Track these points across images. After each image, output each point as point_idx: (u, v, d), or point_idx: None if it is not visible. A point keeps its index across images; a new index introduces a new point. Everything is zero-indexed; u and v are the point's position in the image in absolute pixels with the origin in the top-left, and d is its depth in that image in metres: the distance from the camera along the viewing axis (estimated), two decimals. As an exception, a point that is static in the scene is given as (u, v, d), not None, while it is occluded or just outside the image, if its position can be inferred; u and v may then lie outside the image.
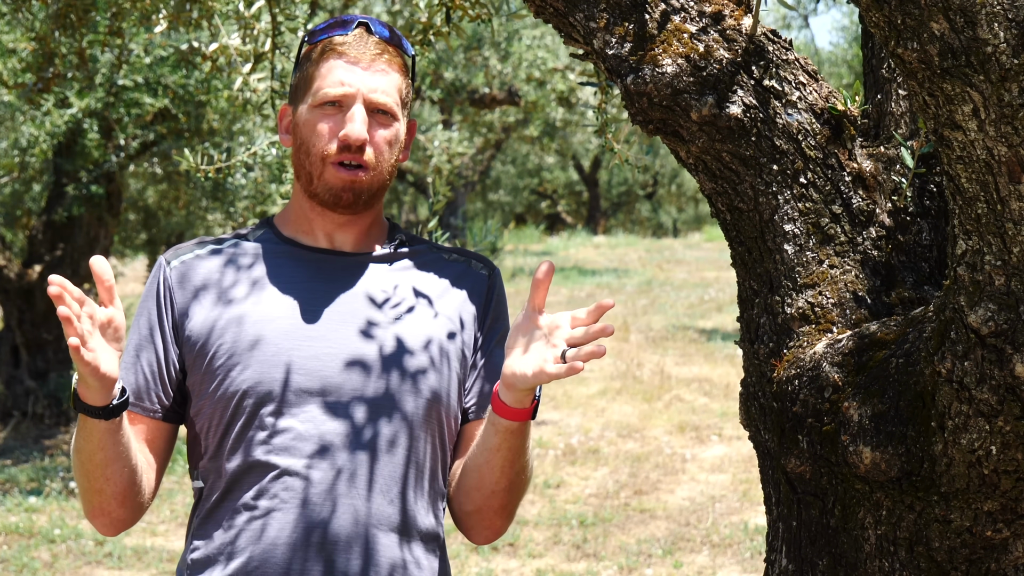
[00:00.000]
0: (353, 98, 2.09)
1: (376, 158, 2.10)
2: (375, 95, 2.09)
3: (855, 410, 1.97)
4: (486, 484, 2.11)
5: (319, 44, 2.14)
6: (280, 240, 2.17)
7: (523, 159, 31.20)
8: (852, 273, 2.09)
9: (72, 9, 4.07)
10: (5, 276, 9.66)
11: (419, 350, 2.11)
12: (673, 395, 10.64)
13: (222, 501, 2.08)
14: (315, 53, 2.14)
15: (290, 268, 2.14)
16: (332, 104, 2.10)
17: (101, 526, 2.12)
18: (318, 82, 2.11)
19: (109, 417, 1.98)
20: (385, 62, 2.12)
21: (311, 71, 2.13)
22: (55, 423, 9.72)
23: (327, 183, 2.10)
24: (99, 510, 2.09)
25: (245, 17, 3.33)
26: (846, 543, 2.06)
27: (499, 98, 15.36)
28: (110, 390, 1.96)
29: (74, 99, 8.02)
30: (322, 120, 2.10)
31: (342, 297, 2.12)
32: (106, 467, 2.03)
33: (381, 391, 2.08)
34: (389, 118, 2.11)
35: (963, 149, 1.71)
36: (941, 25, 1.63)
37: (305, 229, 2.17)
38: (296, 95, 2.16)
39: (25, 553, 6.75)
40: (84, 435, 2.01)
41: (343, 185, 2.09)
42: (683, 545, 6.93)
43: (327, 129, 2.09)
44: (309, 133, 2.11)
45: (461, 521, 2.19)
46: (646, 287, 18.50)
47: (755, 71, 2.07)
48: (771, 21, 19.72)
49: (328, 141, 2.09)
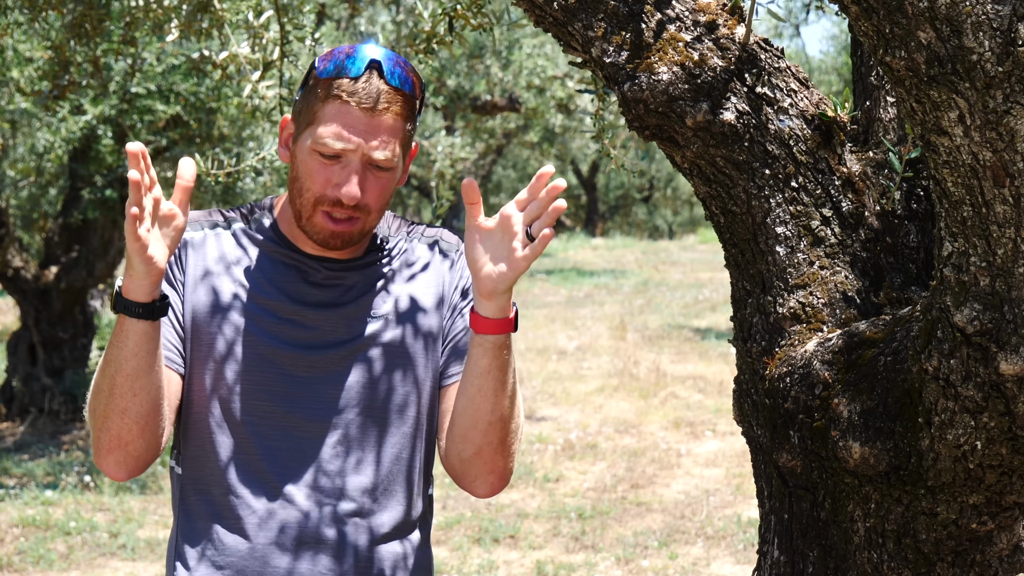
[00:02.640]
0: (353, 154, 2.01)
1: (367, 208, 2.06)
2: (375, 152, 2.02)
3: (845, 406, 1.97)
4: (482, 416, 2.05)
5: (328, 79, 2.03)
6: (277, 241, 2.14)
7: (523, 164, 31.10)
8: (842, 274, 2.10)
9: (87, 19, 4.08)
10: (22, 277, 9.69)
11: (396, 356, 2.11)
12: (669, 392, 10.66)
13: (195, 494, 2.10)
14: (321, 89, 2.04)
15: (284, 267, 2.12)
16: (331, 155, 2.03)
17: (114, 463, 2.02)
18: (320, 126, 2.02)
19: (150, 317, 1.93)
20: (392, 114, 2.03)
21: (315, 108, 2.04)
22: (71, 419, 9.75)
23: (315, 228, 2.06)
24: (117, 441, 2.00)
25: (254, 26, 3.34)
26: (836, 535, 2.06)
27: (500, 105, 15.34)
28: (156, 284, 1.92)
29: (89, 106, 8.05)
30: (319, 167, 2.03)
31: (328, 303, 2.11)
32: (136, 379, 1.95)
33: (360, 398, 2.09)
34: (387, 171, 2.06)
35: (949, 154, 1.71)
36: (928, 34, 1.64)
37: (296, 235, 2.14)
38: (298, 120, 2.08)
39: (41, 545, 6.77)
40: (120, 340, 1.94)
41: (331, 233, 2.06)
42: (678, 537, 6.95)
43: (323, 179, 2.03)
44: (305, 175, 2.05)
45: (464, 474, 2.12)
46: (642, 287, 18.48)
47: (748, 78, 2.07)
48: (763, 30, 19.65)
49: (321, 189, 2.03)
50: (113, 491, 7.81)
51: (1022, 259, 1.71)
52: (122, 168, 9.05)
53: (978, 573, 2.03)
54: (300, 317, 2.10)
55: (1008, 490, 1.90)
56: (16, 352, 9.97)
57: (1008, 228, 1.70)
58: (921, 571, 2.01)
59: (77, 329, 9.97)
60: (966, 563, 2.01)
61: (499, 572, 6.44)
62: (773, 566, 2.17)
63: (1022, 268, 1.71)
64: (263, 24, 3.37)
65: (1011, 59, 1.60)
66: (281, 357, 2.08)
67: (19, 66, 7.16)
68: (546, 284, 18.90)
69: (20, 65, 7.16)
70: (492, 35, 3.01)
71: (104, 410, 1.99)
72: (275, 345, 2.08)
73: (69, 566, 6.54)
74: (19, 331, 10.08)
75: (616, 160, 2.60)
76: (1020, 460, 1.86)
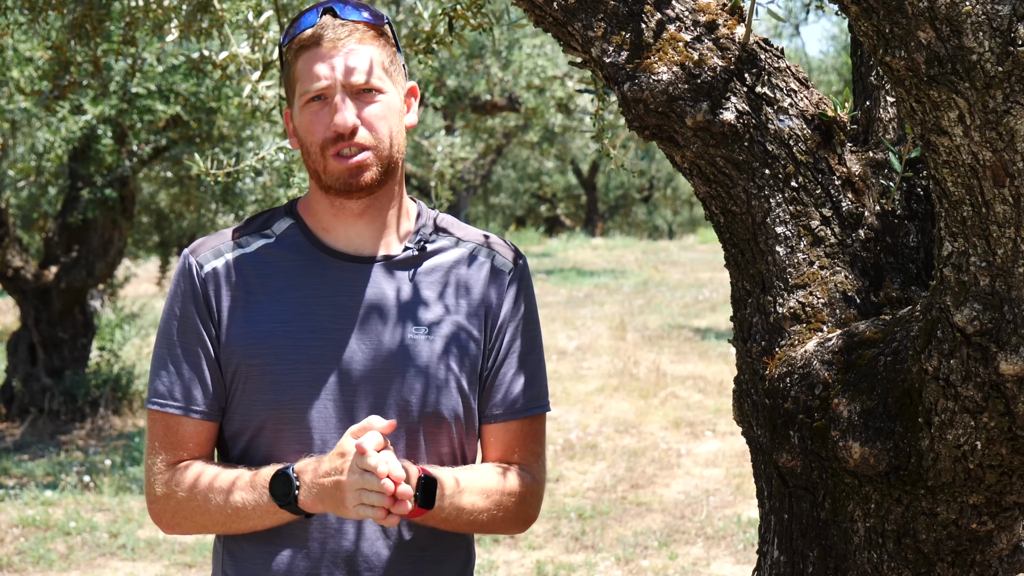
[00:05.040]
0: (333, 88, 2.05)
1: (372, 136, 2.07)
2: (352, 77, 2.05)
3: (844, 406, 1.98)
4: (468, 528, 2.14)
5: (291, 43, 2.10)
6: (306, 239, 2.13)
7: (523, 164, 31.16)
8: (842, 274, 2.10)
9: (87, 19, 4.09)
10: (22, 277, 9.71)
11: (432, 372, 2.10)
12: (669, 392, 10.66)
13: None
14: (290, 54, 2.10)
15: (315, 278, 2.11)
16: (316, 99, 2.07)
17: (167, 528, 2.15)
18: (298, 82, 2.08)
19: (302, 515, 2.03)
20: (356, 41, 2.07)
21: (291, 72, 2.10)
22: (70, 419, 9.76)
23: (333, 174, 2.07)
24: (181, 530, 2.13)
25: (254, 26, 3.35)
26: (836, 535, 2.07)
27: (500, 105, 15.36)
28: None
29: (89, 106, 8.06)
30: (311, 117, 2.07)
31: (363, 316, 2.10)
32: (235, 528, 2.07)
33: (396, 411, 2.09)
34: (374, 94, 2.07)
35: (949, 154, 1.71)
36: (928, 34, 1.64)
37: (326, 225, 2.14)
38: (289, 99, 2.14)
39: (41, 545, 6.79)
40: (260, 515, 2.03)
41: (348, 171, 2.06)
42: (678, 537, 6.95)
43: (318, 124, 2.07)
44: (305, 132, 2.09)
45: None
46: (642, 287, 18.50)
47: (748, 78, 2.07)
48: (763, 30, 19.64)
49: (322, 134, 2.06)
50: (113, 491, 7.82)
51: (1022, 259, 1.71)
52: (122, 168, 9.06)
53: (978, 573, 2.03)
54: (336, 332, 2.09)
55: (1008, 490, 1.90)
56: (16, 352, 9.98)
57: (1008, 228, 1.70)
58: (921, 571, 2.02)
59: (77, 329, 9.98)
60: (966, 563, 2.01)
61: (499, 572, 6.45)
62: (773, 566, 2.17)
63: (1022, 268, 1.71)
64: (263, 24, 3.37)
65: (1011, 59, 1.60)
66: (320, 372, 2.08)
67: (19, 66, 7.17)
68: (546, 284, 18.90)
69: (20, 65, 7.17)
70: (492, 35, 3.02)
71: (192, 521, 2.10)
72: (314, 362, 2.08)
73: (69, 566, 6.55)
74: (19, 331, 10.10)
75: (616, 160, 2.60)
76: (1020, 460, 1.86)
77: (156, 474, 2.10)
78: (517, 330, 2.18)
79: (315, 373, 2.07)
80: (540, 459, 2.21)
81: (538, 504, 2.20)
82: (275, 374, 2.07)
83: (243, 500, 2.03)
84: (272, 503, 2.01)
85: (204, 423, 2.11)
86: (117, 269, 11.16)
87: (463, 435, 2.15)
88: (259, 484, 2.02)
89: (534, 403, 2.19)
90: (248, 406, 2.09)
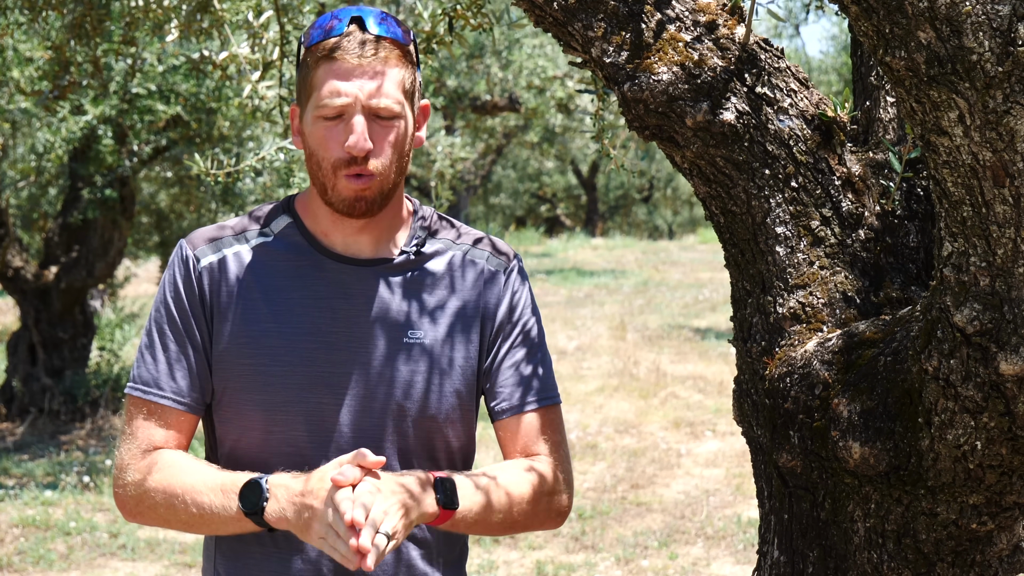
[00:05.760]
0: (352, 108, 2.01)
1: (380, 163, 2.04)
2: (374, 100, 2.02)
3: (844, 407, 1.98)
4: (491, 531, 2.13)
5: (314, 48, 2.05)
6: (304, 240, 2.12)
7: (523, 164, 31.17)
8: (842, 274, 2.10)
9: (87, 19, 4.09)
10: (22, 277, 9.71)
11: (428, 372, 2.10)
12: (669, 392, 10.67)
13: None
14: (311, 58, 2.05)
15: (312, 280, 2.10)
16: (334, 115, 2.03)
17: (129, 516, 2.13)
18: (317, 92, 2.03)
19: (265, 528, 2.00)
20: (381, 61, 2.03)
21: (309, 77, 2.05)
22: (70, 419, 9.77)
23: (340, 194, 2.04)
24: (143, 520, 2.11)
25: (254, 27, 3.35)
26: (836, 535, 2.07)
27: (500, 105, 15.36)
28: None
29: (89, 106, 8.07)
30: (326, 132, 2.03)
31: (358, 320, 2.09)
32: (197, 528, 2.05)
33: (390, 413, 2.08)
34: (392, 120, 2.04)
35: (949, 154, 1.72)
36: (928, 34, 1.64)
37: (324, 228, 2.12)
38: (300, 98, 2.10)
39: (41, 545, 6.79)
40: (224, 520, 2.00)
41: (355, 196, 2.04)
42: (678, 537, 6.96)
43: (334, 142, 2.03)
44: (317, 145, 2.05)
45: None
46: (642, 287, 18.50)
47: (748, 78, 2.08)
48: (763, 30, 19.68)
49: (336, 152, 2.03)
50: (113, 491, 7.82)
51: (1022, 259, 1.71)
52: (122, 168, 9.07)
53: (978, 573, 2.04)
54: (331, 335, 2.08)
55: (1008, 490, 1.91)
56: (16, 352, 9.99)
57: (1008, 228, 1.70)
58: (921, 571, 2.02)
59: (77, 329, 9.99)
60: (966, 563, 2.02)
61: (499, 572, 6.45)
62: (773, 566, 2.17)
63: (1022, 268, 1.72)
64: (263, 24, 3.38)
65: (1011, 59, 1.60)
66: (314, 375, 2.07)
67: (19, 66, 7.17)
68: (546, 284, 18.91)
69: (20, 65, 7.18)
70: (492, 35, 3.02)
71: (155, 514, 2.08)
72: (308, 364, 2.07)
73: (69, 566, 6.55)
74: (19, 331, 10.10)
75: (616, 160, 2.60)
76: (1020, 460, 1.86)
77: (128, 460, 2.08)
78: (518, 327, 2.17)
79: (308, 376, 2.06)
80: (561, 449, 2.19)
81: (569, 495, 2.18)
82: (268, 375, 2.06)
83: (210, 502, 2.00)
84: (239, 511, 1.98)
85: (184, 414, 2.09)
86: (117, 269, 11.16)
87: (460, 439, 2.14)
88: (230, 489, 2.00)
89: (544, 395, 2.18)
90: (239, 405, 2.07)
